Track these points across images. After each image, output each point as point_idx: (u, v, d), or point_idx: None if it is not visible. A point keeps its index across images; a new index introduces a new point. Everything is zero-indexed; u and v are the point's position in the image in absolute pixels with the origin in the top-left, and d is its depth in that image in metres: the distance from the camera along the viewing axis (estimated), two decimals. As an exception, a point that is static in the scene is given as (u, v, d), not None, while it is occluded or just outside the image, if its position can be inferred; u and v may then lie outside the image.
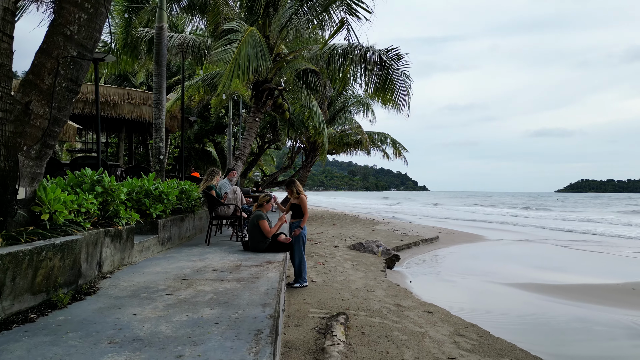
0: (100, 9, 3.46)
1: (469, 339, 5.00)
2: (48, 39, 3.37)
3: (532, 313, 6.81)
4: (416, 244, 14.33)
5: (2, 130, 2.97)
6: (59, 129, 3.52)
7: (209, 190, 7.11)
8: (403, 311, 5.98)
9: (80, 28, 3.39)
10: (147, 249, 5.68)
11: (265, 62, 9.50)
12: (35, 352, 2.32)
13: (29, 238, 3.04)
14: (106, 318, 2.93)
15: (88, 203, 3.99)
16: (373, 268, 9.41)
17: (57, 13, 3.41)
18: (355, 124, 21.23)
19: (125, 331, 2.67)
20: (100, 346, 2.43)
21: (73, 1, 3.35)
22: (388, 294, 6.95)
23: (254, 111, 11.62)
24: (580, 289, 8.65)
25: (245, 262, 5.29)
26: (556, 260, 12.62)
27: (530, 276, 9.72)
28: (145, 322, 2.86)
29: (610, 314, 6.75)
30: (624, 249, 14.63)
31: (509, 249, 14.99)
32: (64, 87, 3.41)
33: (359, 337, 4.80)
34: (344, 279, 7.93)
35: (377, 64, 10.74)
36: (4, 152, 2.98)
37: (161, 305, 3.27)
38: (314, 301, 6.19)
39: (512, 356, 4.51)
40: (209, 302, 3.39)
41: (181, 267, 4.90)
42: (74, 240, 3.37)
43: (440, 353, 4.47)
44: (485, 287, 8.66)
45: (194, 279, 4.27)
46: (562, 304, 7.40)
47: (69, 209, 3.68)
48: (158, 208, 6.02)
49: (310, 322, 5.19)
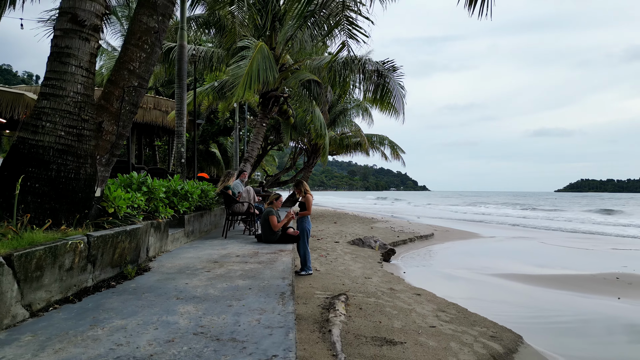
0: (155, 48, 4.45)
1: (449, 314, 5.98)
2: (116, 73, 4.34)
3: (509, 296, 7.79)
4: (412, 240, 15.30)
5: (88, 145, 3.95)
6: (122, 142, 4.50)
7: (226, 190, 8.09)
8: (395, 293, 6.96)
9: (141, 64, 4.36)
10: (177, 240, 6.66)
11: (273, 73, 10.48)
12: (128, 304, 3.30)
13: (108, 225, 4.02)
14: (166, 285, 3.92)
15: (139, 200, 4.98)
16: (370, 260, 10.39)
17: (122, 52, 4.39)
18: (355, 127, 22.22)
19: (185, 293, 3.66)
20: (171, 300, 3.41)
21: (135, 43, 4.33)
22: (383, 281, 7.93)
23: (261, 117, 12.60)
24: (558, 278, 9.61)
25: (262, 250, 6.27)
26: (542, 255, 13.57)
27: (515, 268, 10.68)
28: (196, 288, 3.84)
29: (581, 298, 7.73)
30: (605, 245, 15.61)
31: (500, 245, 15.94)
32: (127, 109, 4.40)
33: (356, 311, 5.78)
34: (344, 268, 8.91)
35: (374, 73, 11.73)
36: (90, 161, 3.95)
37: (204, 278, 4.25)
38: (319, 285, 7.17)
39: (482, 325, 5.49)
40: (240, 276, 4.37)
41: (209, 253, 5.88)
42: (137, 228, 4.36)
43: (423, 323, 5.45)
44: (472, 277, 9.63)
45: (223, 261, 5.25)
46: (539, 290, 8.37)
47: (126, 204, 4.67)
48: (184, 205, 7.01)
49: (316, 301, 6.16)
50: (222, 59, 11.63)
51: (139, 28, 4.34)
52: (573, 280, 9.42)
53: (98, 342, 2.47)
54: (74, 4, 3.80)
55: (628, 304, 7.30)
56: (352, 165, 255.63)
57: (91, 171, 3.98)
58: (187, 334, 2.62)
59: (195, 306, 3.25)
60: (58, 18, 3.87)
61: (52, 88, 3.76)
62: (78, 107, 3.84)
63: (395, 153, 23.67)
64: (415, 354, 4.43)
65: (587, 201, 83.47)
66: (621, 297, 7.80)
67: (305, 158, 24.54)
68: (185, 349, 2.38)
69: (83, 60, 3.86)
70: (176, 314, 3.04)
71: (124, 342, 2.49)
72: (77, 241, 3.24)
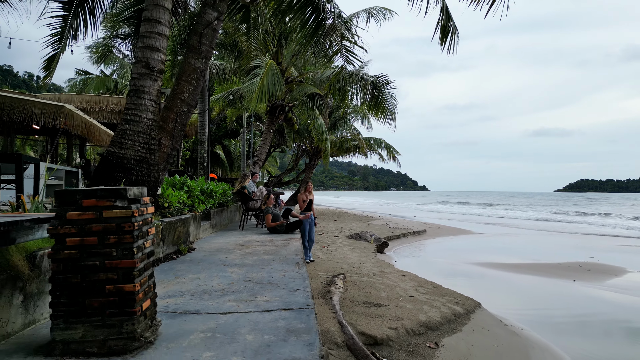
0: (200, 82, 5.91)
1: (426, 288, 7.45)
2: (170, 101, 5.81)
3: (480, 278, 9.26)
4: (405, 235, 16.78)
5: (155, 156, 5.41)
6: (175, 152, 5.96)
7: (242, 190, 9.56)
8: (384, 274, 8.42)
9: (189, 95, 5.83)
10: (205, 230, 8.13)
11: (280, 86, 11.95)
12: (192, 267, 4.76)
13: (169, 215, 5.49)
14: (212, 258, 5.38)
15: (184, 197, 6.45)
16: (366, 251, 11.86)
17: (175, 85, 5.85)
18: (355, 131, 23.71)
19: (228, 262, 5.12)
20: (220, 266, 4.87)
21: (185, 79, 5.80)
22: (375, 266, 9.40)
23: (268, 124, 14.08)
24: (531, 266, 11.07)
25: (275, 238, 7.73)
26: (522, 249, 15.04)
27: (493, 259, 12.14)
28: (234, 259, 5.31)
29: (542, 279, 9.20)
30: (581, 239, 17.10)
31: (486, 240, 17.41)
32: (179, 128, 5.86)
33: (352, 286, 7.24)
34: (342, 257, 10.38)
35: (370, 84, 13.19)
36: (156, 168, 5.42)
37: (238, 254, 5.71)
38: (321, 268, 8.64)
39: (451, 296, 6.95)
40: (264, 252, 5.84)
41: (234, 240, 7.35)
42: (187, 217, 5.83)
43: (404, 294, 6.91)
44: (453, 265, 11.10)
45: (248, 244, 6.72)
46: (508, 274, 9.83)
47: (176, 200, 6.14)
48: (210, 202, 8.47)
49: (320, 279, 7.63)
50: (232, 71, 13.13)
51: (188, 68, 5.81)
52: (541, 267, 10.89)
53: (186, 284, 3.94)
54: (146, 54, 5.27)
55: (578, 284, 8.76)
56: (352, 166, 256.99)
57: (157, 175, 5.44)
58: (240, 281, 4.08)
59: (239, 269, 4.71)
60: (135, 64, 5.33)
61: (131, 115, 5.23)
62: (149, 129, 5.30)
63: (391, 155, 25.16)
64: (395, 312, 5.89)
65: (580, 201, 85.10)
66: (576, 279, 9.27)
67: (307, 159, 26.01)
68: (242, 287, 3.85)
69: (152, 95, 5.33)
70: (227, 272, 4.50)
71: (202, 284, 3.95)
72: (158, 223, 4.72)
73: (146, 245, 2.50)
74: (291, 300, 3.38)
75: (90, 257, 2.27)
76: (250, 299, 3.40)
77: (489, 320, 6.10)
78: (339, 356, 4.63)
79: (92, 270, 2.26)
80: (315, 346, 2.41)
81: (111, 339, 2.26)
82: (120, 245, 2.28)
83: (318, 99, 13.09)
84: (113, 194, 2.28)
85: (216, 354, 2.30)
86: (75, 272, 2.26)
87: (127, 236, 2.28)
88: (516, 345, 5.23)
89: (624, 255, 13.65)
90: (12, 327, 2.55)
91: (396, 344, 5.01)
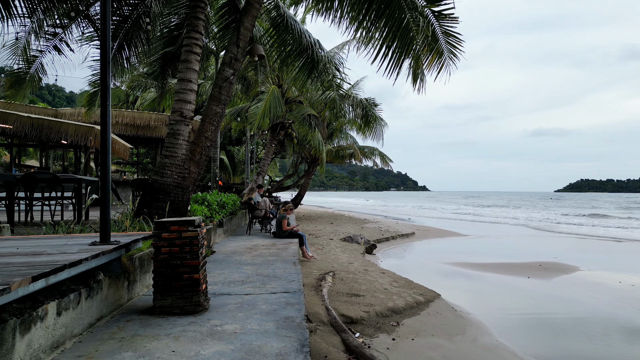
0: (220, 123, 7.67)
1: (399, 283, 9.19)
2: (197, 138, 7.55)
3: (448, 276, 11.00)
4: (394, 238, 18.52)
5: (186, 182, 7.16)
6: (200, 177, 7.72)
7: (249, 201, 11.32)
8: (367, 272, 10.16)
9: (211, 133, 7.59)
10: (219, 236, 9.89)
11: (281, 107, 13.71)
12: (216, 266, 6.51)
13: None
14: (230, 259, 7.13)
15: (206, 211, 8.21)
16: (355, 252, 13.59)
17: (201, 125, 7.60)
18: (350, 140, 25.50)
19: (242, 262, 6.87)
20: (237, 265, 6.62)
21: (209, 121, 7.55)
22: (361, 265, 11.14)
23: (270, 139, 15.85)
24: (498, 265, 12.79)
25: (277, 242, 9.48)
26: (499, 249, 16.78)
27: (467, 259, 13.86)
28: (247, 260, 7.06)
29: (500, 276, 10.92)
30: (560, 241, 18.84)
31: (469, 242, 19.12)
32: (203, 159, 7.62)
33: (339, 281, 8.98)
34: (334, 257, 12.11)
35: (360, 105, 14.96)
36: (187, 191, 7.17)
37: (249, 256, 7.46)
38: (315, 268, 10.37)
39: (417, 289, 8.69)
40: (269, 255, 7.59)
41: (244, 244, 9.10)
42: (210, 227, 7.59)
43: (380, 287, 8.65)
44: (430, 264, 12.83)
45: (255, 248, 8.47)
46: (473, 273, 11.56)
47: (200, 213, 7.89)
48: (223, 212, 10.23)
49: (314, 276, 9.36)
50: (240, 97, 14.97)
51: (210, 112, 7.56)
52: (506, 266, 12.61)
53: (216, 277, 5.69)
54: (181, 106, 7.02)
55: (531, 280, 10.50)
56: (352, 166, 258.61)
57: (188, 197, 7.20)
58: (253, 275, 5.84)
59: (251, 267, 6.47)
60: (172, 113, 7.09)
61: (170, 152, 6.98)
62: (182, 162, 7.06)
63: (384, 162, 26.96)
64: (370, 300, 7.63)
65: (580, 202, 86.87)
66: (531, 277, 10.99)
67: (305, 166, 27.79)
68: (255, 279, 5.60)
69: (185, 136, 7.08)
70: (243, 269, 6.26)
71: (227, 276, 5.70)
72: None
73: (203, 252, 4.26)
74: (289, 287, 5.14)
75: (175, 259, 4.02)
76: (262, 286, 5.15)
77: (443, 307, 7.84)
78: (324, 330, 6.36)
79: (176, 266, 4.01)
80: (301, 311, 4.16)
81: (186, 305, 4.01)
82: (191, 252, 4.03)
83: (314, 119, 14.85)
84: (187, 223, 4.03)
85: (245, 314, 4.05)
86: (166, 267, 4.01)
87: (195, 247, 4.04)
88: (458, 324, 6.96)
89: (587, 255, 15.44)
90: (122, 301, 4.31)
91: (367, 323, 6.74)
